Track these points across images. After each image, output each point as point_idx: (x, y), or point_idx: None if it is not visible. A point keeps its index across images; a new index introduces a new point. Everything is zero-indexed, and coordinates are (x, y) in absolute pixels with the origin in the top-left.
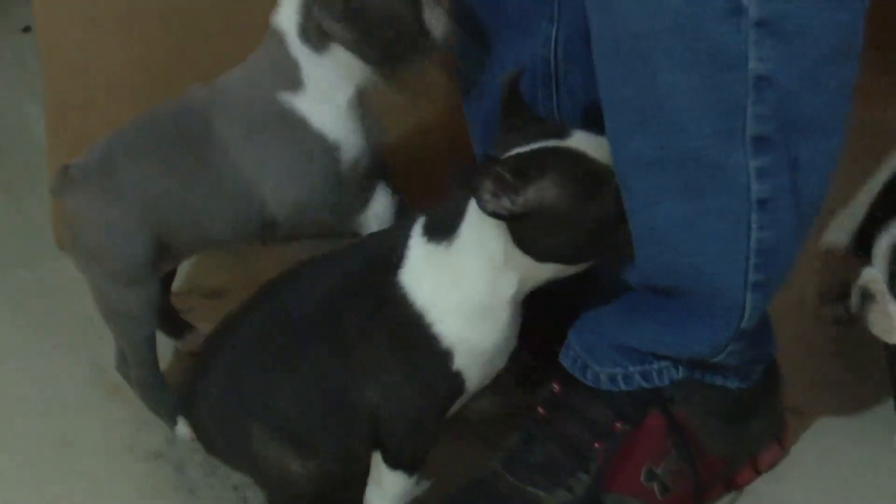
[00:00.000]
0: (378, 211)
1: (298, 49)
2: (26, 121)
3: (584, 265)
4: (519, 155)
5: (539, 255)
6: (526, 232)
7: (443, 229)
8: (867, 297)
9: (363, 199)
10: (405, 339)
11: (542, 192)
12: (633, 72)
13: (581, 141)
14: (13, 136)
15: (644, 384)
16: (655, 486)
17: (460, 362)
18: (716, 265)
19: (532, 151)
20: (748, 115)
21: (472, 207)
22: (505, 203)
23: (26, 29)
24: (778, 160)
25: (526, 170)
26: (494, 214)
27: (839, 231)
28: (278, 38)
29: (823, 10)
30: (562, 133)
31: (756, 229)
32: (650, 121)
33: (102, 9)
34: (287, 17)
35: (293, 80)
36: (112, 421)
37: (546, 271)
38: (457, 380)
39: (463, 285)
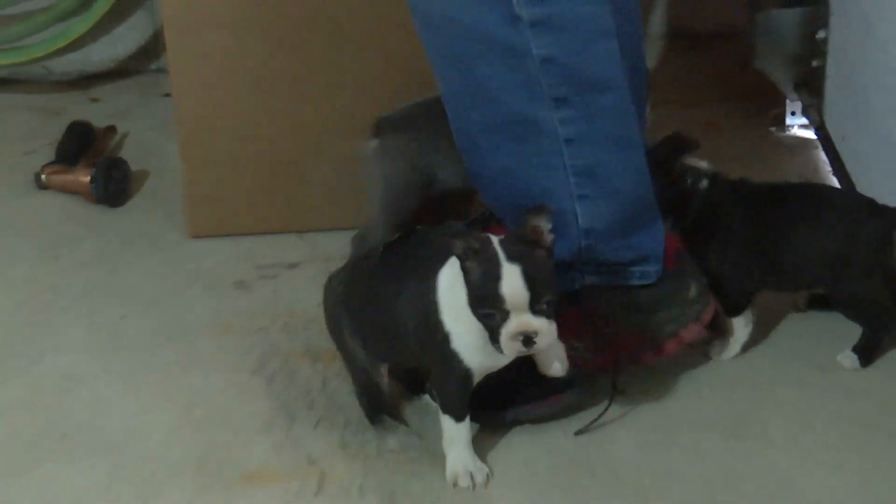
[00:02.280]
0: None
1: None
2: (165, 154)
3: None
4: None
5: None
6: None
7: None
8: None
9: None
10: (428, 318)
11: (464, 259)
12: (460, 70)
13: (509, 267)
14: (159, 163)
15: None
16: (576, 353)
17: (455, 345)
18: (548, 186)
19: (485, 236)
20: (544, 84)
21: None
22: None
23: (167, 94)
24: (575, 111)
25: (475, 242)
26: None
27: None
28: None
29: (575, 6)
30: (518, 257)
31: (569, 158)
32: (480, 99)
33: (213, 79)
34: None
35: None
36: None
37: None
38: (456, 357)
39: (455, 294)
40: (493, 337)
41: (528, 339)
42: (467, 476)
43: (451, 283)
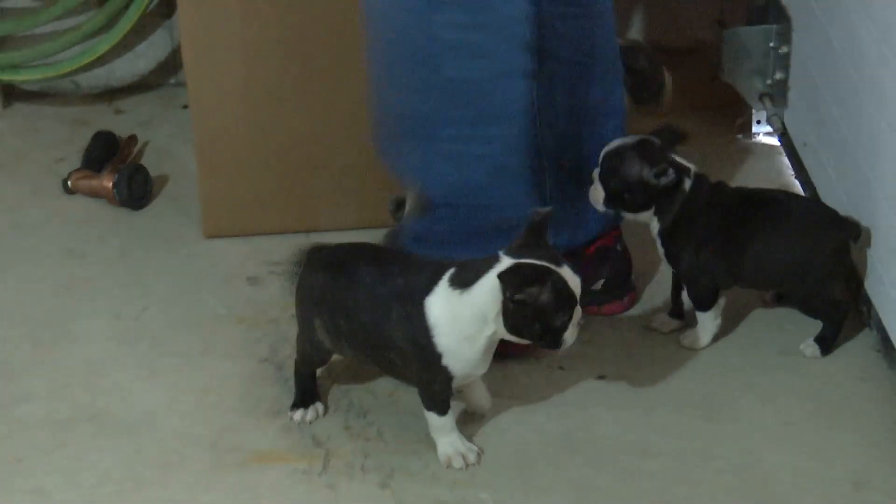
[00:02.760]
0: None
1: None
2: (183, 161)
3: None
4: (532, 264)
5: (511, 329)
6: (510, 312)
7: (463, 282)
8: None
9: None
10: (419, 338)
11: (536, 295)
12: (412, 66)
13: (565, 272)
14: (177, 169)
15: None
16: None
17: (446, 362)
18: None
19: (540, 265)
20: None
21: (489, 278)
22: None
23: (185, 106)
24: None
25: (533, 276)
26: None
27: None
28: None
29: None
30: (558, 261)
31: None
32: (427, 87)
33: (227, 91)
34: None
35: None
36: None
37: (509, 336)
38: (444, 370)
39: (460, 321)
40: (557, 338)
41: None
42: (459, 457)
43: (444, 310)
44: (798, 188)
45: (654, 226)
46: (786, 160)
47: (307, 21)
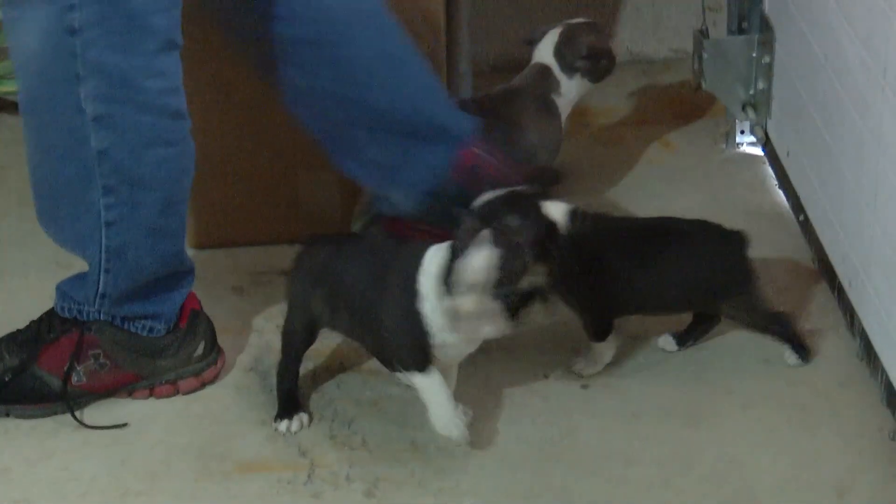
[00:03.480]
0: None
1: (559, 74)
2: None
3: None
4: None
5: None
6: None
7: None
8: None
9: None
10: (410, 304)
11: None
12: (61, 137)
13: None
14: None
15: (76, 316)
16: (74, 375)
17: (428, 325)
18: (87, 253)
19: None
20: (96, 172)
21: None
22: None
23: None
24: (117, 200)
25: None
26: None
27: None
28: (545, 68)
29: (135, 114)
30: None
31: (105, 237)
32: (76, 157)
33: (214, 105)
34: (548, 56)
35: (556, 90)
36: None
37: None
38: (426, 333)
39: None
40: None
41: None
42: (452, 423)
43: (431, 283)
44: (781, 197)
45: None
46: (769, 169)
47: None
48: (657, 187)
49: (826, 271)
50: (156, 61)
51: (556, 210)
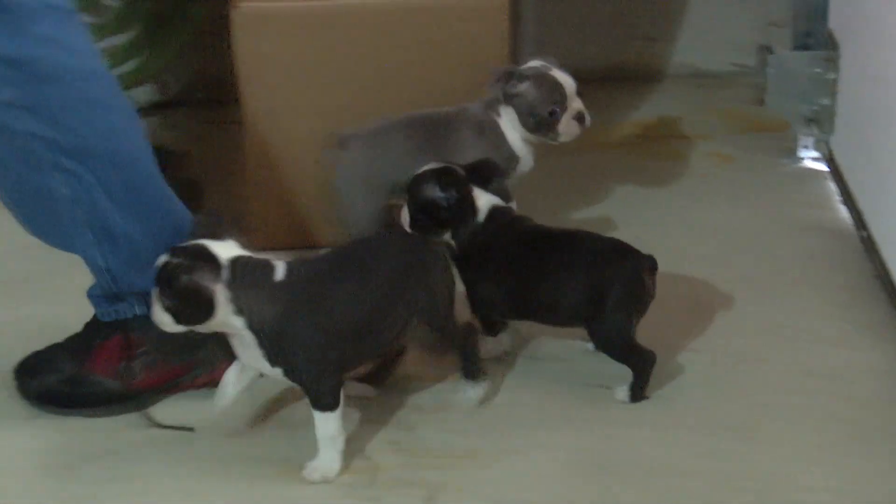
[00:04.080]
0: None
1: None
2: (235, 176)
3: None
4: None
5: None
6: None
7: None
8: None
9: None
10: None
11: None
12: None
13: None
14: (227, 185)
15: (115, 318)
16: (128, 375)
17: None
18: (73, 241)
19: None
20: (38, 154)
21: None
22: None
23: (237, 123)
24: (74, 177)
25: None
26: None
27: None
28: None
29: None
30: None
31: (81, 215)
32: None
33: (278, 110)
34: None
35: (499, 114)
36: None
37: None
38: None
39: None
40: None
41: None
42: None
43: None
44: (843, 213)
45: (451, 251)
46: (832, 185)
47: (360, 44)
48: (716, 201)
49: (887, 287)
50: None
51: (482, 199)
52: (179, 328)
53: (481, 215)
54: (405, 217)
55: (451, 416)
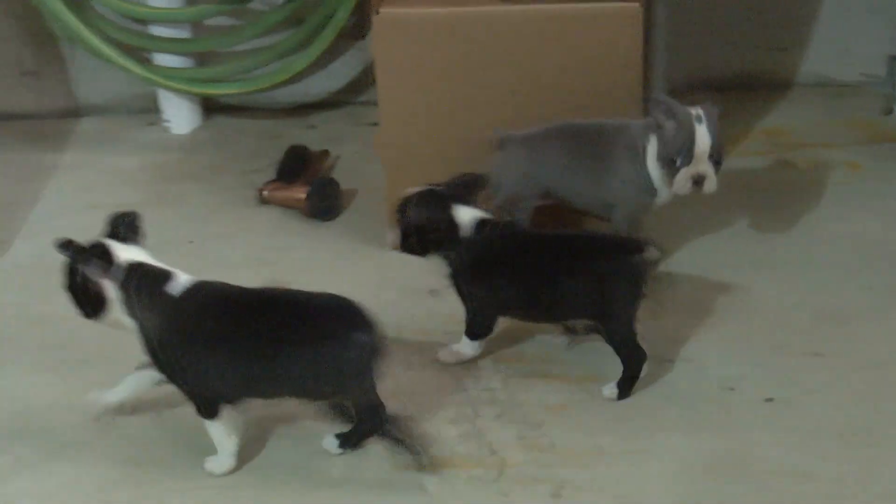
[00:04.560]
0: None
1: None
2: (371, 176)
3: None
4: None
5: None
6: None
7: None
8: None
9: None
10: None
11: None
12: None
13: None
14: (365, 184)
15: None
16: None
17: None
18: None
19: None
20: None
21: None
22: None
23: (374, 123)
24: None
25: None
26: None
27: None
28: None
29: None
30: None
31: None
32: None
33: (414, 111)
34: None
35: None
36: None
37: None
38: None
39: None
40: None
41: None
42: None
43: None
44: None
45: (444, 269)
46: None
47: (493, 50)
48: (846, 208)
49: None
50: None
51: (465, 215)
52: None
53: (467, 230)
54: (395, 239)
55: (576, 415)
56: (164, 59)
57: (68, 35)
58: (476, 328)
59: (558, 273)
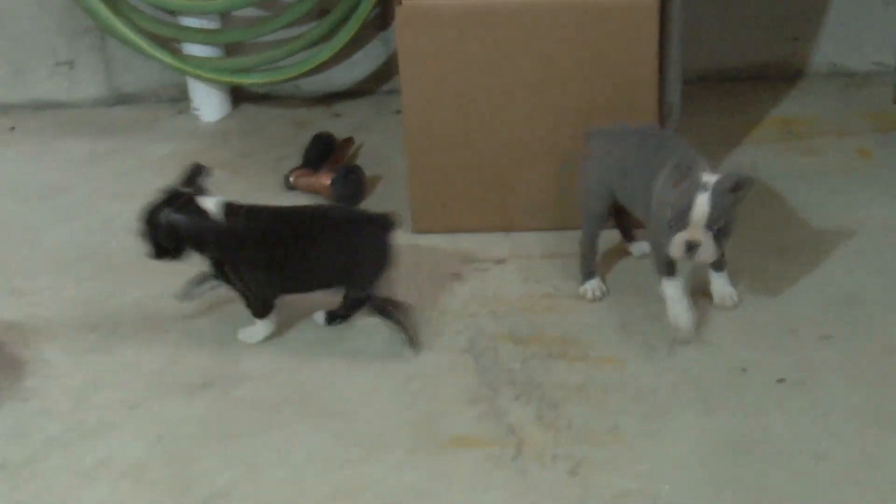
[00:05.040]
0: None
1: None
2: (395, 163)
3: None
4: None
5: None
6: None
7: None
8: None
9: None
10: None
11: None
12: None
13: None
14: (389, 170)
15: None
16: None
17: None
18: None
19: None
20: None
21: None
22: None
23: (397, 112)
24: None
25: None
26: None
27: None
28: None
29: None
30: None
31: None
32: None
33: (437, 100)
34: None
35: None
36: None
37: None
38: None
39: None
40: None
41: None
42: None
43: None
44: None
45: (205, 264)
46: None
47: (514, 41)
48: (855, 195)
49: None
50: None
51: (208, 202)
52: None
53: (217, 216)
54: (149, 251)
55: (594, 395)
56: (193, 50)
57: (102, 26)
58: (258, 309)
59: (307, 245)
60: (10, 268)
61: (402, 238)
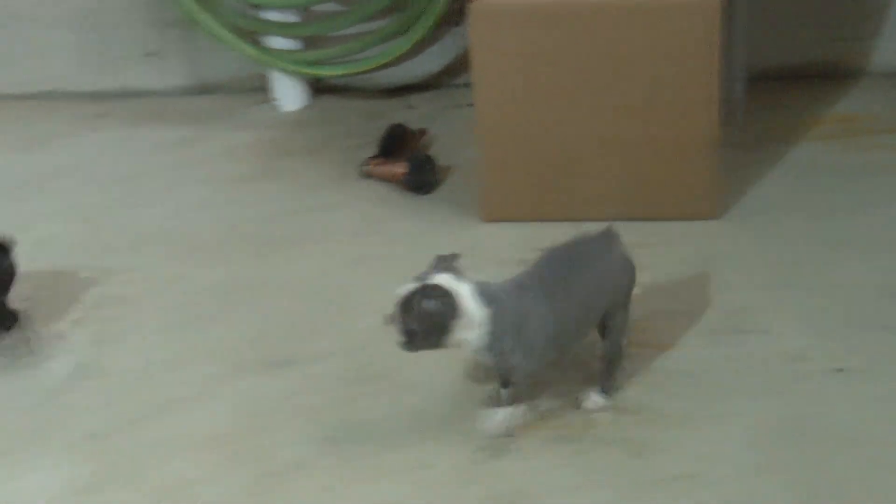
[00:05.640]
0: None
1: None
2: (466, 153)
3: None
4: None
5: None
6: None
7: None
8: None
9: None
10: None
11: None
12: None
13: None
14: (460, 161)
15: None
16: None
17: None
18: None
19: None
20: None
21: None
22: None
23: (469, 104)
24: None
25: None
26: None
27: None
28: None
29: None
30: None
31: None
32: None
33: (508, 93)
34: None
35: None
36: None
37: None
38: None
39: None
40: None
41: None
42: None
43: None
44: None
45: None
46: None
47: (581, 38)
48: None
49: None
50: None
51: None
52: None
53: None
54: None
55: (657, 380)
56: (274, 42)
57: (188, 18)
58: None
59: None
60: (98, 248)
61: (471, 225)
